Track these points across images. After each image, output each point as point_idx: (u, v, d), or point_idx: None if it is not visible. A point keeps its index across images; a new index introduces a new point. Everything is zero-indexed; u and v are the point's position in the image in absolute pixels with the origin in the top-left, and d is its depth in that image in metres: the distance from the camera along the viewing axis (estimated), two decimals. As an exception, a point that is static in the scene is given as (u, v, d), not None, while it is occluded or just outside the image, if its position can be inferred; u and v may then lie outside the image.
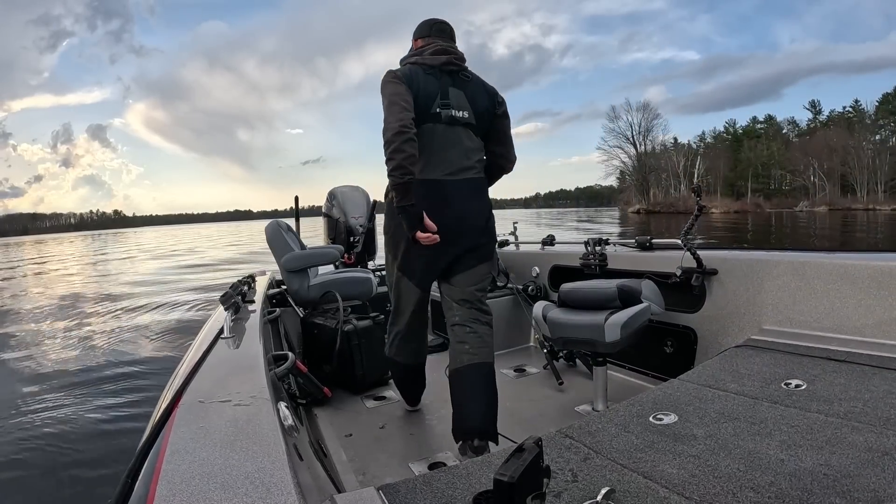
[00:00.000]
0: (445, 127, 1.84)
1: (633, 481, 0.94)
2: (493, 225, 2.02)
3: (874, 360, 1.47)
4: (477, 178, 1.95)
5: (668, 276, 2.27)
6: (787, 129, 57.96)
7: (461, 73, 1.90)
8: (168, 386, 1.32)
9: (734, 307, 2.06)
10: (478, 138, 1.94)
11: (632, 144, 58.83)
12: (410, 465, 1.83)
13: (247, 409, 0.99)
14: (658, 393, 1.40)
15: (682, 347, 2.28)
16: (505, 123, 2.02)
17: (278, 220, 3.25)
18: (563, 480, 0.95)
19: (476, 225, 1.94)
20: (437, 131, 1.83)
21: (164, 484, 0.73)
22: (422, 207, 1.73)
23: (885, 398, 1.20)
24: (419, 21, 2.02)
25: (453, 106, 1.85)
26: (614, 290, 2.02)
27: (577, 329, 2.03)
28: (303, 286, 2.98)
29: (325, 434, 2.11)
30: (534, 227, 25.67)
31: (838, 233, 20.76)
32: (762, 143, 55.23)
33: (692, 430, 1.14)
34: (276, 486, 0.71)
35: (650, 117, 58.50)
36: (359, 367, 2.57)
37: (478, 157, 1.95)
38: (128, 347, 5.53)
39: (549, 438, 1.13)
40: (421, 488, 0.95)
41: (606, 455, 1.05)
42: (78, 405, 3.77)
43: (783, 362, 1.53)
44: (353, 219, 3.64)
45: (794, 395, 1.28)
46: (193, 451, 0.82)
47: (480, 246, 1.97)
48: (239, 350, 1.52)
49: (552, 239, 3.36)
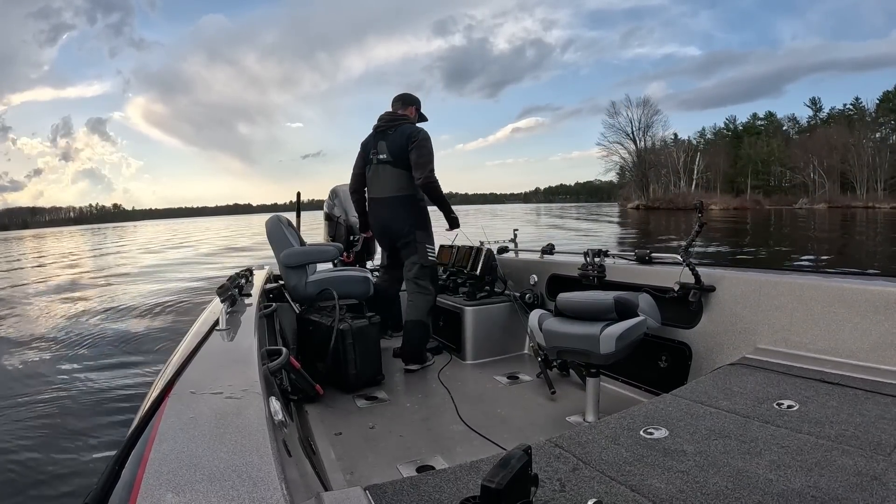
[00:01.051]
0: (374, 166, 2.96)
1: (620, 494, 0.94)
2: (415, 229, 2.92)
3: (868, 384, 1.47)
4: (396, 196, 2.92)
5: (665, 290, 2.27)
6: (787, 126, 57.79)
7: (388, 129, 2.93)
8: (160, 375, 1.32)
9: (730, 325, 2.07)
10: (398, 170, 2.88)
11: (631, 140, 58.75)
12: (398, 467, 1.82)
13: (237, 402, 0.99)
14: (650, 407, 1.40)
15: (677, 363, 2.28)
16: (413, 154, 2.81)
17: (279, 215, 3.25)
18: (551, 490, 0.95)
19: (394, 228, 2.96)
20: (371, 170, 2.99)
21: (151, 472, 0.73)
22: (369, 216, 3.11)
23: (877, 423, 1.20)
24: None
25: (379, 152, 2.93)
26: (611, 301, 2.02)
27: (572, 339, 2.02)
28: (300, 282, 2.98)
29: (314, 431, 2.11)
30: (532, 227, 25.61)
31: (837, 233, 20.71)
32: (762, 140, 54.89)
33: (682, 445, 1.13)
34: (262, 480, 0.71)
35: (650, 113, 58.34)
36: (352, 367, 2.57)
37: (399, 183, 2.89)
38: (119, 338, 5.52)
39: (539, 447, 1.13)
40: (408, 490, 0.94)
41: (595, 466, 1.05)
42: (67, 390, 3.77)
43: (776, 382, 1.53)
44: (353, 217, 3.64)
45: (785, 416, 1.28)
46: (182, 440, 0.82)
47: (404, 245, 2.96)
48: (233, 343, 1.51)
49: (552, 248, 3.36)
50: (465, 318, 3.07)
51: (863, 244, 16.49)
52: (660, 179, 56.76)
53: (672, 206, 47.80)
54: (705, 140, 60.34)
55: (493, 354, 3.12)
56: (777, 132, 56.79)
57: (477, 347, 3.08)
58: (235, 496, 0.68)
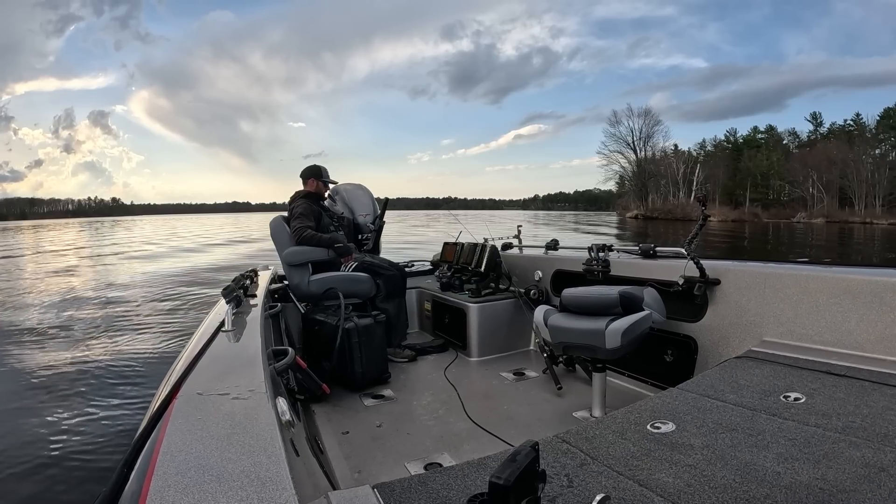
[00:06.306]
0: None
1: (628, 489, 0.94)
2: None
3: (874, 375, 1.46)
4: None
5: (670, 284, 2.26)
6: (787, 140, 57.58)
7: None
8: (167, 377, 1.32)
9: (736, 318, 2.06)
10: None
11: (632, 150, 58.85)
12: (406, 465, 1.83)
13: (245, 403, 1.00)
14: (656, 401, 1.40)
15: (683, 356, 2.28)
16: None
17: (283, 215, 3.27)
18: (559, 485, 0.95)
19: None
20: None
21: (160, 476, 0.73)
22: None
23: (884, 414, 1.20)
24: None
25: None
26: (616, 296, 2.01)
27: (577, 334, 2.02)
28: (303, 280, 2.99)
29: (322, 431, 2.11)
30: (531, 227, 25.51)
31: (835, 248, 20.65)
32: (762, 153, 54.78)
33: (689, 439, 1.13)
34: (271, 480, 0.72)
35: (651, 123, 58.46)
36: (358, 365, 2.58)
37: None
38: (126, 339, 5.55)
39: (546, 443, 1.13)
40: (416, 488, 0.95)
41: (603, 461, 1.05)
42: (73, 396, 3.78)
43: (783, 375, 1.53)
44: (360, 217, 3.65)
45: (792, 408, 1.28)
46: (190, 443, 0.83)
47: None
48: (239, 344, 1.52)
49: (556, 243, 3.36)
50: (471, 315, 3.07)
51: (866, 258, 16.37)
52: (659, 190, 56.71)
53: (670, 216, 47.93)
54: (705, 152, 60.27)
55: (499, 351, 3.12)
56: (777, 146, 56.56)
57: (482, 344, 3.08)
58: (244, 497, 0.68)
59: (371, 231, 3.63)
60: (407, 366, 2.99)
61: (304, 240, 3.06)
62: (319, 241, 3.09)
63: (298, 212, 3.15)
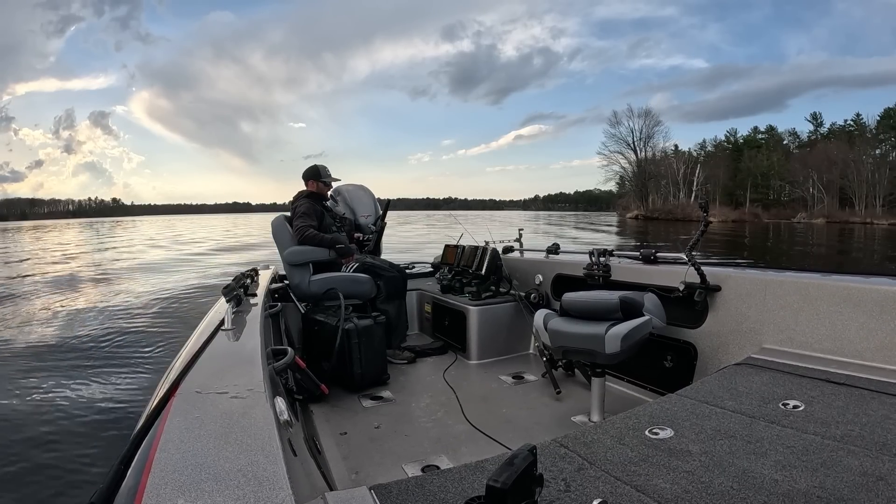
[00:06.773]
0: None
1: (625, 494, 0.94)
2: None
3: (874, 384, 1.46)
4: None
5: (671, 290, 2.26)
6: (787, 141, 57.40)
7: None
8: (166, 375, 1.32)
9: (736, 324, 2.06)
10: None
11: (632, 150, 58.69)
12: (404, 467, 1.83)
13: (243, 402, 1.00)
14: (655, 407, 1.40)
15: (682, 362, 2.27)
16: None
17: (285, 215, 3.28)
18: (556, 490, 0.95)
19: None
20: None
21: (157, 471, 0.74)
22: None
23: (883, 423, 1.20)
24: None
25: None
26: (616, 301, 2.01)
27: (577, 339, 2.02)
28: (304, 280, 2.99)
29: (320, 431, 2.11)
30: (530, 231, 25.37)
31: (835, 247, 20.57)
32: (762, 154, 54.68)
33: (687, 445, 1.13)
34: (268, 480, 0.72)
35: (651, 124, 58.25)
36: (357, 366, 2.58)
37: None
38: (125, 336, 5.55)
39: (544, 447, 1.13)
40: (413, 490, 0.95)
41: (600, 466, 1.05)
42: (70, 391, 3.78)
43: (782, 382, 1.53)
44: (362, 217, 3.65)
45: (791, 416, 1.27)
46: (187, 440, 0.83)
47: None
48: (238, 342, 1.52)
49: (557, 247, 3.36)
50: (470, 317, 3.07)
51: (860, 262, 16.32)
52: (659, 190, 56.62)
53: (671, 216, 47.84)
54: (706, 152, 60.15)
55: (499, 354, 3.12)
56: (777, 146, 56.44)
57: (482, 347, 3.08)
58: (241, 496, 0.68)
59: (372, 232, 3.64)
60: (406, 367, 2.99)
61: (306, 239, 3.06)
62: (321, 241, 3.09)
63: (301, 211, 3.16)
